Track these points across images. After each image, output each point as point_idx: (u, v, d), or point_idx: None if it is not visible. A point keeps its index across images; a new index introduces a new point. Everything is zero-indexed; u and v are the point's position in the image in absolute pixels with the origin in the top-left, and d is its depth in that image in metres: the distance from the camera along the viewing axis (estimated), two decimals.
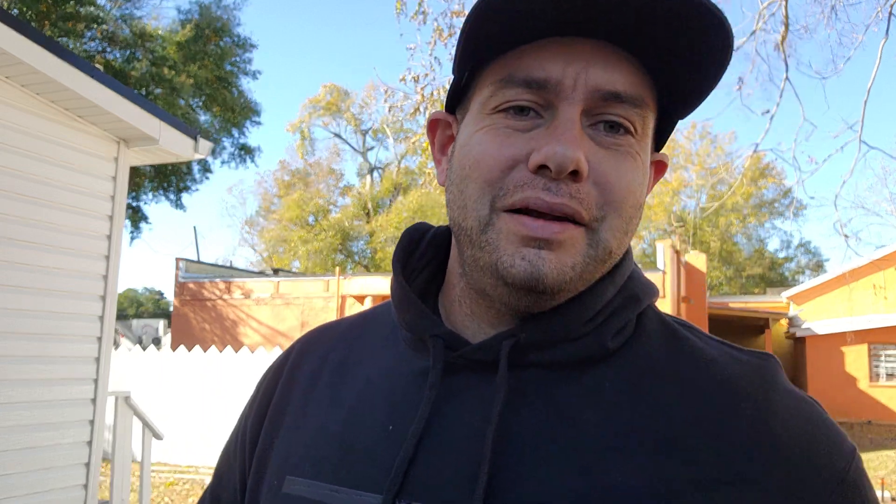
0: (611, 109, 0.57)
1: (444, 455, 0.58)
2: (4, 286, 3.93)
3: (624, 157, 0.58)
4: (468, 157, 0.59)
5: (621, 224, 0.58)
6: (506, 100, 0.58)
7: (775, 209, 33.07)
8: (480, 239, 0.58)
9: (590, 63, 0.56)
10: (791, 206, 30.85)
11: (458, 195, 0.60)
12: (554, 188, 0.55)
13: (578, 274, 0.57)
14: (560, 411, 0.57)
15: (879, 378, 17.81)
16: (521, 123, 0.57)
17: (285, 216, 31.92)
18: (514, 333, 0.59)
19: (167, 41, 18.66)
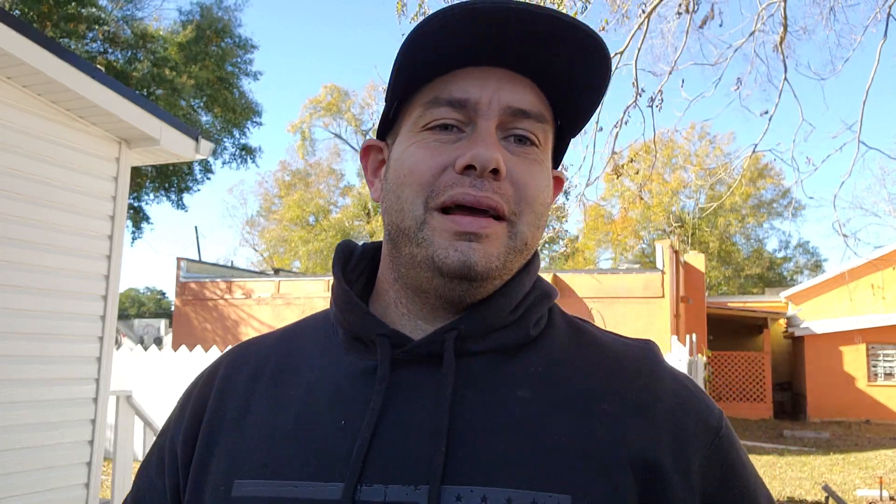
0: (519, 124, 0.69)
1: (399, 440, 0.64)
2: (6, 286, 3.95)
3: (532, 163, 0.70)
4: (403, 166, 0.69)
5: (534, 219, 0.70)
6: (434, 118, 0.69)
7: (774, 209, 33.08)
8: (417, 236, 0.67)
9: (501, 86, 0.69)
10: (790, 206, 30.88)
11: (395, 201, 0.70)
12: (479, 184, 0.66)
13: (503, 263, 0.67)
14: (498, 391, 0.67)
15: (878, 377, 17.82)
16: (447, 137, 0.68)
17: (286, 216, 31.93)
18: (455, 326, 0.68)
19: (168, 42, 18.68)
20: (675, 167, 30.84)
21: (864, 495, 8.34)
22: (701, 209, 20.38)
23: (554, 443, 0.63)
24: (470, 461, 0.62)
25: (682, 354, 9.66)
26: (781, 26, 6.57)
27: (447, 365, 0.66)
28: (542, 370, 0.69)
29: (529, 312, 0.72)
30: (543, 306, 0.73)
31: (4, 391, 3.93)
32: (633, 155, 7.35)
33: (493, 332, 0.69)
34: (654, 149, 7.12)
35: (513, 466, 0.62)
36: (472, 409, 0.65)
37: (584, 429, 0.64)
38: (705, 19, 6.41)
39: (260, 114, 20.92)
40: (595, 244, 31.62)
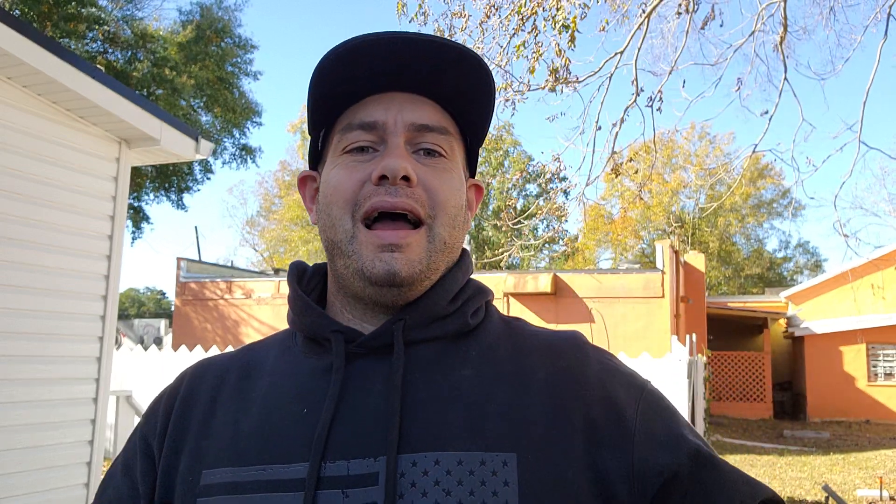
0: (424, 138, 0.78)
1: (357, 421, 0.71)
2: (6, 286, 3.95)
3: (441, 171, 0.79)
4: (329, 187, 0.79)
5: (449, 220, 0.78)
6: (350, 142, 0.78)
7: (774, 209, 33.07)
8: (348, 249, 0.76)
9: (403, 107, 0.78)
10: (790, 206, 30.87)
11: (327, 219, 0.79)
12: (393, 191, 0.74)
13: (426, 265, 0.75)
14: (444, 372, 0.75)
15: (878, 377, 17.82)
16: (363, 157, 0.78)
17: (286, 216, 31.94)
18: (401, 317, 0.76)
19: (168, 42, 18.68)
20: (675, 167, 30.84)
21: (864, 495, 8.34)
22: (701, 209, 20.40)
23: (497, 410, 0.71)
24: (422, 432, 0.70)
25: (681, 354, 9.65)
26: (781, 26, 6.57)
27: (397, 350, 0.74)
28: (481, 353, 0.77)
29: (466, 305, 0.80)
30: (479, 300, 0.82)
31: (4, 391, 3.93)
32: (633, 154, 7.35)
33: (435, 321, 0.78)
34: (654, 149, 7.12)
35: (461, 433, 0.69)
36: (421, 388, 0.73)
37: (523, 396, 0.72)
38: (706, 20, 6.42)
39: (260, 114, 20.93)
40: (595, 244, 31.62)
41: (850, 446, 13.06)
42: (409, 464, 0.67)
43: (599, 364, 0.77)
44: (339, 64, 0.77)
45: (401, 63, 0.76)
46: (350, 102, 0.80)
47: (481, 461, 0.67)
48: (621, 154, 6.97)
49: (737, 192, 18.41)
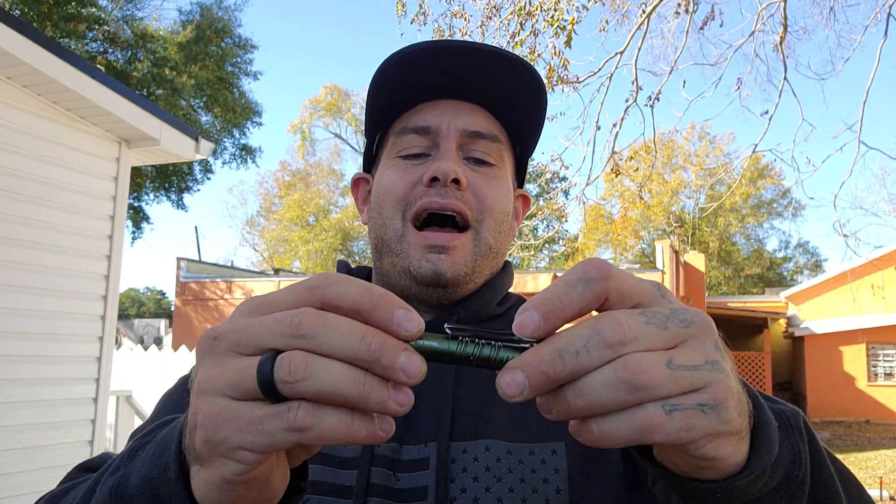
0: (476, 146, 0.82)
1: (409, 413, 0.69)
2: (6, 286, 3.96)
3: (490, 178, 0.81)
4: (381, 187, 0.82)
5: (496, 225, 0.81)
6: (404, 145, 0.82)
7: (774, 209, 33.08)
8: (397, 248, 0.79)
9: (456, 114, 0.82)
10: (790, 206, 30.88)
11: (378, 217, 0.82)
12: (444, 193, 0.77)
13: (471, 268, 0.78)
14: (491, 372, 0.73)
15: (878, 378, 17.82)
16: (416, 161, 0.81)
17: (286, 216, 31.95)
18: (455, 312, 0.79)
19: (168, 42, 18.69)
20: (675, 167, 30.84)
21: None
22: (701, 209, 20.42)
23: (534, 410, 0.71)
24: (472, 421, 0.72)
25: None
26: (781, 26, 6.57)
27: None
28: None
29: (512, 311, 0.82)
30: None
31: (5, 391, 3.93)
32: (633, 154, 7.35)
33: (484, 320, 0.81)
34: (654, 149, 7.12)
35: (509, 424, 0.72)
36: (470, 381, 0.76)
37: None
38: (706, 20, 6.42)
39: (260, 114, 20.94)
40: (595, 244, 31.62)
41: (850, 446, 13.06)
42: (459, 451, 0.70)
43: None
44: (396, 72, 0.80)
45: (455, 72, 0.79)
46: (405, 108, 0.83)
47: (530, 451, 0.71)
48: (621, 154, 6.97)
49: (737, 192, 18.43)
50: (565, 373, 0.40)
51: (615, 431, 0.40)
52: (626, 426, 0.40)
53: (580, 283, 0.41)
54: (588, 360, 0.40)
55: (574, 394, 0.40)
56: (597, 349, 0.40)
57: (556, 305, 0.41)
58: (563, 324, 0.42)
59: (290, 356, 0.38)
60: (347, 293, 0.41)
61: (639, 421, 0.39)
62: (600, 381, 0.39)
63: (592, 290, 0.41)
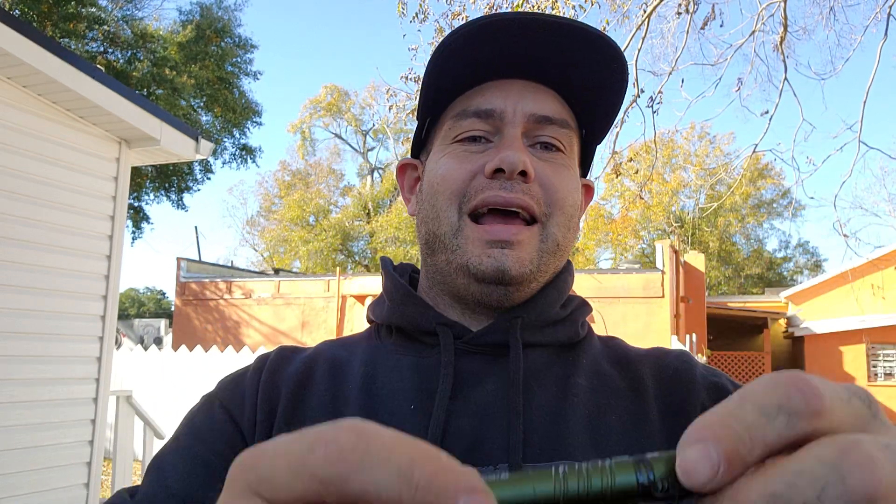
0: (543, 131, 0.72)
1: (473, 423, 0.65)
2: (6, 286, 3.96)
3: (559, 167, 0.73)
4: (436, 176, 0.73)
5: (565, 220, 0.72)
6: (463, 130, 0.73)
7: (774, 209, 33.07)
8: (452, 243, 0.70)
9: (523, 96, 0.72)
10: (790, 206, 30.86)
11: (430, 209, 0.73)
12: (508, 186, 0.69)
13: (536, 266, 0.70)
14: (557, 379, 0.70)
15: (877, 377, 17.82)
16: (476, 147, 0.72)
17: (286, 216, 31.94)
18: (519, 315, 0.71)
19: (168, 42, 18.68)
20: (675, 167, 30.84)
21: None
22: (701, 209, 20.39)
23: (617, 421, 0.67)
24: (546, 440, 0.65)
25: None
26: (781, 26, 6.57)
27: (514, 349, 0.69)
28: (590, 364, 0.73)
29: (576, 313, 0.76)
30: (585, 312, 0.78)
31: (4, 391, 3.93)
32: (633, 155, 7.35)
33: (548, 325, 0.73)
34: (655, 149, 7.12)
35: (585, 443, 0.65)
36: (538, 393, 0.68)
37: (640, 407, 0.68)
38: (706, 20, 6.42)
39: (260, 114, 20.93)
40: (595, 244, 31.62)
41: None
42: None
43: (705, 369, 0.74)
44: (461, 45, 0.70)
45: (526, 48, 0.70)
46: (465, 87, 0.74)
47: None
48: (621, 154, 6.97)
49: (737, 192, 18.42)
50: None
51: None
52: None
53: (781, 416, 0.27)
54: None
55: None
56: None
57: (744, 443, 0.26)
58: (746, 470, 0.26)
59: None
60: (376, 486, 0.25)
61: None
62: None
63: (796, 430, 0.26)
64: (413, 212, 0.79)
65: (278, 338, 15.42)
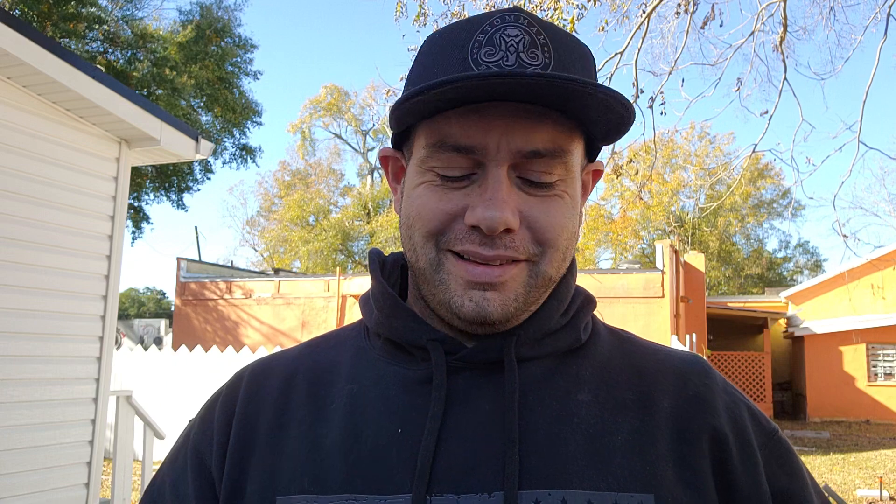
0: (534, 167, 0.63)
1: (465, 447, 0.62)
2: (6, 286, 3.95)
3: (551, 200, 0.64)
4: (412, 207, 0.66)
5: (558, 255, 0.66)
6: (441, 164, 0.64)
7: (774, 209, 33.08)
8: (434, 278, 0.65)
9: (509, 127, 0.61)
10: (790, 206, 30.87)
11: (408, 239, 0.67)
12: (489, 243, 0.62)
13: (521, 304, 0.64)
14: (557, 395, 0.66)
15: (878, 377, 17.82)
16: (456, 183, 0.64)
17: (286, 216, 31.94)
18: (514, 332, 0.66)
19: (168, 42, 18.68)
20: (675, 167, 30.83)
21: (864, 495, 8.34)
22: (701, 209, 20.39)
23: (623, 442, 0.63)
24: (543, 465, 0.61)
25: None
26: (781, 26, 6.57)
27: (509, 369, 0.65)
28: (595, 373, 0.68)
29: (577, 317, 0.71)
30: (589, 311, 0.73)
31: (4, 391, 3.93)
32: (633, 155, 7.35)
33: (547, 336, 0.68)
34: (654, 149, 7.12)
35: (586, 468, 0.61)
36: (535, 413, 0.64)
37: (650, 427, 0.64)
38: (706, 20, 6.42)
39: (260, 114, 20.93)
40: (595, 244, 31.61)
41: (849, 446, 13.06)
42: (530, 502, 0.59)
43: (727, 395, 0.70)
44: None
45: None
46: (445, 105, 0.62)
47: (614, 501, 0.59)
48: (621, 154, 6.98)
49: (737, 192, 18.41)
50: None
51: None
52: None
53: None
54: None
55: None
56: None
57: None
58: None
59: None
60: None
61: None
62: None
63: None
64: (397, 210, 0.72)
65: (278, 338, 15.42)
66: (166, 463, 0.73)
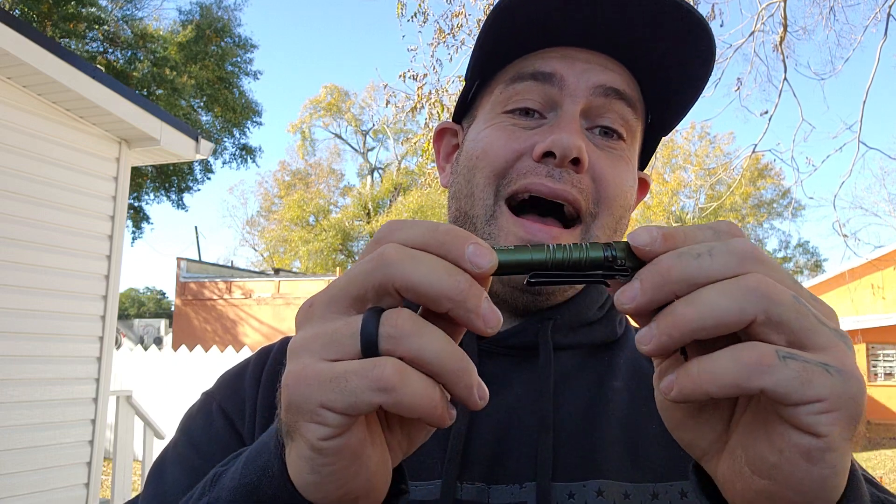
0: (609, 108, 0.63)
1: (498, 435, 0.60)
2: (7, 286, 3.95)
3: (617, 159, 0.64)
4: (477, 149, 0.64)
5: (611, 222, 0.64)
6: (516, 95, 0.63)
7: (774, 209, 33.09)
8: (484, 230, 0.63)
9: (591, 64, 0.62)
10: (790, 206, 30.88)
11: (464, 185, 0.65)
12: (557, 175, 0.60)
13: None
14: (591, 384, 0.65)
15: (877, 377, 17.83)
16: (527, 122, 0.63)
17: (286, 216, 31.94)
18: (551, 316, 0.64)
19: (168, 42, 18.69)
20: (675, 167, 30.84)
21: None
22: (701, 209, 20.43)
23: (658, 431, 0.60)
24: (577, 456, 0.59)
25: None
26: (781, 26, 6.57)
27: (545, 352, 0.63)
28: (628, 364, 0.67)
29: (614, 310, 0.69)
30: None
31: (4, 391, 3.93)
32: None
33: (583, 326, 0.66)
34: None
35: (622, 459, 0.59)
36: (569, 402, 0.62)
37: None
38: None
39: (260, 114, 20.95)
40: None
41: None
42: (564, 494, 0.57)
43: None
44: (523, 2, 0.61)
45: (597, 14, 0.61)
46: (523, 51, 0.64)
47: (653, 493, 0.57)
48: None
49: (737, 192, 18.42)
50: (681, 273, 0.34)
51: (718, 371, 0.33)
52: (731, 365, 0.33)
53: (709, 230, 0.38)
54: (710, 264, 0.35)
55: (685, 303, 0.34)
56: (721, 256, 0.35)
57: (678, 234, 0.37)
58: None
59: (398, 314, 0.35)
60: (413, 235, 0.37)
61: (747, 358, 0.33)
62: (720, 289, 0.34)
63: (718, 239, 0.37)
64: (445, 183, 0.71)
65: (278, 338, 15.39)
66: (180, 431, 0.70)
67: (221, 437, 0.65)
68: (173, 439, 0.70)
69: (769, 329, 0.33)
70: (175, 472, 0.64)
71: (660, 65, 0.63)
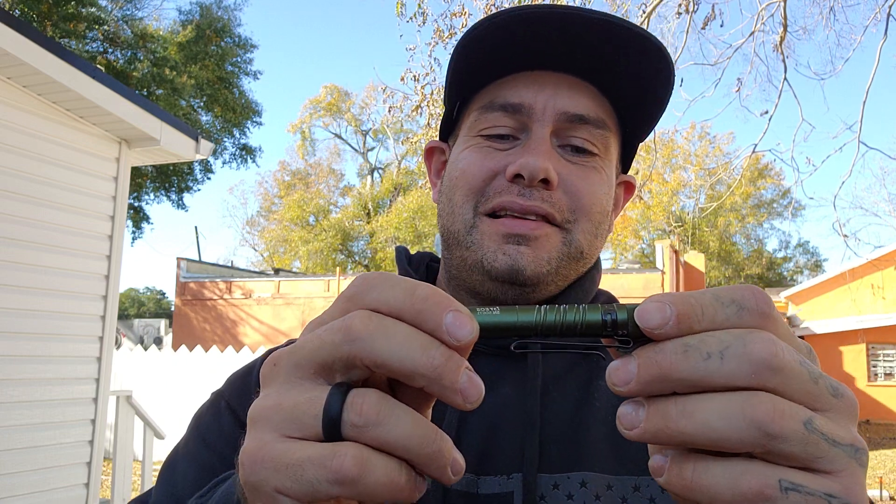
0: (576, 132, 0.67)
1: (487, 431, 0.63)
2: (7, 286, 3.96)
3: (590, 170, 0.68)
4: (456, 169, 0.70)
5: (591, 227, 0.68)
6: (489, 124, 0.68)
7: (774, 209, 33.09)
8: (466, 240, 0.67)
9: (557, 90, 0.67)
10: (790, 206, 30.88)
11: (447, 203, 0.70)
12: (527, 193, 0.64)
13: (554, 268, 0.66)
14: (578, 381, 0.67)
15: (877, 378, 17.83)
16: (501, 145, 0.68)
17: (286, 216, 31.94)
18: None
19: (168, 42, 18.69)
20: (675, 167, 30.84)
21: None
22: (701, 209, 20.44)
23: None
24: (562, 448, 0.61)
25: None
26: (781, 26, 6.57)
27: (533, 355, 0.65)
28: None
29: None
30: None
31: (4, 391, 3.93)
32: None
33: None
34: (654, 149, 7.12)
35: (606, 452, 0.61)
36: (556, 399, 0.65)
37: None
38: (706, 20, 6.42)
39: (260, 114, 20.94)
40: None
41: None
42: (549, 485, 0.59)
43: None
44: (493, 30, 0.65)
45: (564, 40, 0.64)
46: (496, 75, 0.69)
47: (634, 486, 0.60)
48: None
49: (737, 192, 18.44)
50: (684, 374, 0.32)
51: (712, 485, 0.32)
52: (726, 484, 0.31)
53: (732, 305, 0.34)
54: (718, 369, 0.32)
55: (680, 410, 0.32)
56: (734, 361, 0.32)
57: (696, 312, 0.33)
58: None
59: (364, 397, 0.33)
60: (386, 298, 0.34)
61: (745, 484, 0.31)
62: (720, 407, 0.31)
63: (742, 320, 0.33)
64: (436, 199, 0.76)
65: (278, 338, 15.41)
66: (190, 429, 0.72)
67: (229, 432, 0.68)
68: (184, 437, 0.72)
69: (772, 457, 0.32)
70: (186, 469, 0.66)
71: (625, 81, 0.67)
